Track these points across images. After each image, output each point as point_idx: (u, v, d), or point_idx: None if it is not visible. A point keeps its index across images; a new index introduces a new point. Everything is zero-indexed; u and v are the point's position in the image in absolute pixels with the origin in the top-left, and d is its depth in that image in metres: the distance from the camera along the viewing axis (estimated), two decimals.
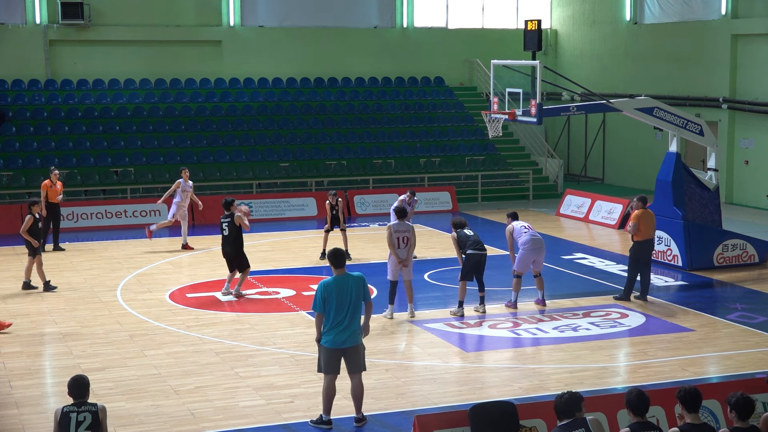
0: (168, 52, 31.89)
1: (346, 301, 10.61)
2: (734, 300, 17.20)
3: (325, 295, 10.62)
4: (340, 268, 10.79)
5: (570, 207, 27.03)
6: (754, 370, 12.92)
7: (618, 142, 33.24)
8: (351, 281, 10.72)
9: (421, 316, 15.79)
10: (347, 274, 10.79)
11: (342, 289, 10.63)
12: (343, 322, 10.59)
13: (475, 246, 15.66)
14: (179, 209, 21.76)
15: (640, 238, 16.65)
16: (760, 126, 28.02)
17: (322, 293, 10.63)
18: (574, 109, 20.43)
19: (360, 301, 10.75)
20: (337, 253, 10.84)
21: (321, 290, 10.65)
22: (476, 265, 15.67)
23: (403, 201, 20.12)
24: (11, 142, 28.08)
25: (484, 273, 15.94)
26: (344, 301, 10.60)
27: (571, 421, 7.72)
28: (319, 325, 10.73)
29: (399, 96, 33.54)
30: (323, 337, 10.73)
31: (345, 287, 10.66)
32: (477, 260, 15.66)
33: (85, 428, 8.23)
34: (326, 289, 10.64)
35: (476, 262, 15.66)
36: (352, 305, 10.64)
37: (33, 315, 16.07)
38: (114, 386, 12.28)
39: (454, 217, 16.52)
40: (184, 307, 16.58)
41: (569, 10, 35.44)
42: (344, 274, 10.77)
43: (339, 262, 10.80)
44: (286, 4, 33.24)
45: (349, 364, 10.81)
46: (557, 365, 13.31)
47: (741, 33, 28.47)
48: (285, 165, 29.25)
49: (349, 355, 10.76)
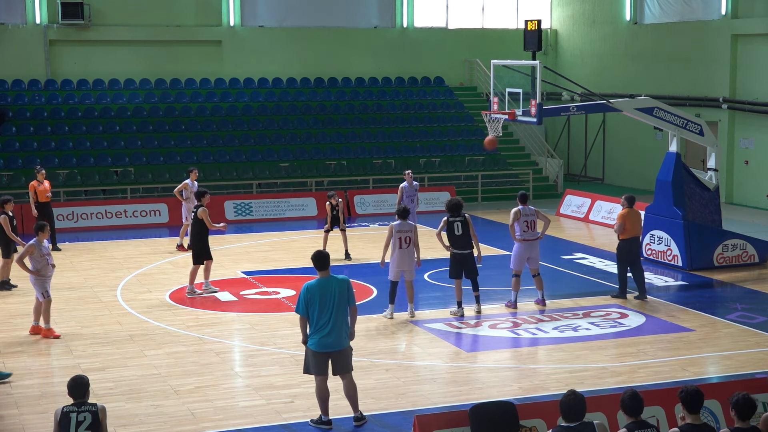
0: (168, 52, 31.90)
1: (329, 304, 10.53)
2: (734, 300, 17.19)
3: (308, 297, 10.55)
4: (324, 270, 10.70)
5: (570, 207, 27.04)
6: (754, 370, 12.93)
7: (618, 142, 33.25)
8: (335, 283, 10.64)
9: (421, 316, 15.79)
10: (331, 277, 10.70)
11: (325, 292, 10.56)
12: (327, 325, 10.52)
13: (457, 246, 15.64)
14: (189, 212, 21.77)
15: (626, 236, 16.79)
16: (760, 126, 28.02)
17: (305, 295, 10.57)
18: (574, 109, 20.43)
19: (344, 304, 10.64)
20: (321, 255, 10.76)
21: (304, 292, 10.59)
22: (460, 263, 15.65)
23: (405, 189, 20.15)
24: (11, 142, 28.08)
25: (477, 272, 15.89)
26: (327, 303, 10.53)
27: (579, 425, 7.65)
28: (304, 327, 10.70)
29: (399, 96, 33.55)
30: (309, 339, 10.70)
31: (328, 289, 10.57)
32: (460, 259, 15.65)
33: (85, 428, 8.23)
34: (309, 291, 10.57)
35: (460, 261, 15.65)
36: (336, 308, 10.55)
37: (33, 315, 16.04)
38: (114, 386, 12.28)
39: (450, 200, 16.07)
40: (184, 307, 16.58)
41: (569, 10, 35.45)
42: (328, 277, 10.68)
43: (322, 264, 10.71)
44: (286, 4, 33.25)
45: (335, 367, 10.76)
46: (557, 365, 13.32)
47: (741, 33, 28.47)
48: (285, 165, 29.26)
49: (335, 358, 10.71)
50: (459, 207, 15.72)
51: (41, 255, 14.46)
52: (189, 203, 21.79)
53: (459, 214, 15.67)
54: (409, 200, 20.16)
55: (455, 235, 15.61)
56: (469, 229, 15.63)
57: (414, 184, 20.42)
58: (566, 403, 7.67)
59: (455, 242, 15.63)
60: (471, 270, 15.76)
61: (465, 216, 15.74)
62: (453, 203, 15.79)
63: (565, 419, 7.68)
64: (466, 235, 15.60)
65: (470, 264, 15.71)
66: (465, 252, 15.62)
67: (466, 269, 15.72)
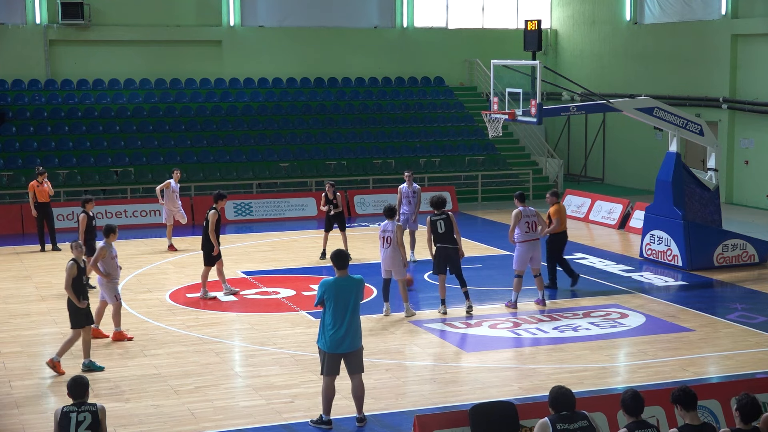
0: (168, 52, 31.89)
1: (343, 303, 10.57)
2: (734, 300, 17.19)
3: (323, 293, 10.64)
4: (342, 269, 10.77)
5: (570, 207, 27.01)
6: (754, 370, 12.93)
7: (618, 142, 33.25)
8: (352, 284, 10.70)
9: (421, 316, 15.79)
10: (349, 277, 10.76)
11: (341, 291, 10.61)
12: (342, 326, 10.55)
13: (442, 241, 15.65)
14: (169, 213, 21.83)
15: (558, 230, 17.41)
16: (760, 126, 28.02)
17: (321, 292, 10.66)
18: (574, 109, 20.43)
19: (359, 304, 10.72)
20: (340, 254, 10.81)
21: (321, 288, 10.68)
22: (444, 258, 15.66)
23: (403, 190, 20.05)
24: (11, 142, 28.08)
25: (461, 268, 15.88)
26: (342, 302, 10.57)
27: (571, 414, 7.74)
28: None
29: (399, 96, 33.54)
30: (320, 339, 10.72)
31: (345, 289, 10.63)
32: (443, 254, 15.66)
33: (85, 428, 8.23)
34: (326, 288, 10.65)
35: (446, 256, 15.66)
36: (350, 308, 10.60)
37: (33, 315, 16.08)
38: (114, 386, 12.28)
39: (432, 197, 16.17)
40: (184, 307, 16.58)
41: (569, 10, 35.44)
42: (346, 276, 10.75)
43: (341, 263, 10.77)
44: (286, 4, 33.25)
45: (348, 366, 10.81)
46: (557, 365, 13.32)
47: (741, 33, 28.47)
48: (285, 165, 29.26)
49: (348, 359, 10.76)
50: (440, 203, 15.79)
51: (111, 257, 14.29)
52: (170, 204, 21.82)
53: (441, 212, 15.74)
54: (406, 201, 20.03)
55: (438, 233, 15.67)
56: (453, 226, 15.69)
57: (414, 186, 20.15)
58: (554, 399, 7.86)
59: (438, 239, 15.67)
60: (455, 265, 15.76)
61: (448, 214, 15.82)
62: (434, 200, 15.85)
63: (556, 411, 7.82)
64: (449, 233, 15.65)
65: (454, 259, 15.71)
66: (449, 246, 15.64)
67: (450, 264, 15.73)
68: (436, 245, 15.72)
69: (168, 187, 21.83)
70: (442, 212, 15.76)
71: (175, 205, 21.97)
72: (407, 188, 20.13)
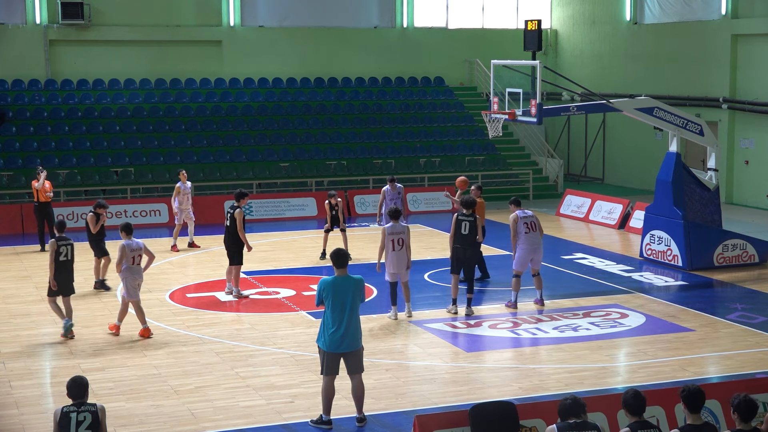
0: (168, 52, 31.89)
1: (341, 302, 10.57)
2: (734, 300, 17.19)
3: (323, 292, 10.65)
4: (342, 268, 10.78)
5: (570, 207, 27.04)
6: (754, 370, 12.93)
7: (618, 142, 33.24)
8: (351, 283, 10.70)
9: (421, 316, 15.79)
10: (348, 276, 10.77)
11: (339, 290, 10.61)
12: (341, 326, 10.55)
13: (462, 242, 15.65)
14: (182, 212, 21.72)
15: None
16: (760, 126, 28.02)
17: (320, 291, 10.67)
18: (574, 109, 20.43)
19: (358, 304, 10.72)
20: (340, 253, 10.82)
21: (320, 287, 10.70)
22: (461, 261, 15.67)
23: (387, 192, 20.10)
24: (11, 142, 28.08)
25: (473, 274, 15.91)
26: (340, 301, 10.57)
27: (581, 422, 7.69)
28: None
29: (399, 96, 33.54)
30: (320, 338, 10.73)
31: (343, 288, 10.64)
32: (461, 256, 15.67)
33: (85, 428, 8.23)
34: (324, 286, 10.66)
35: (461, 258, 15.67)
36: (349, 307, 10.60)
37: (33, 315, 16.08)
38: (114, 386, 12.28)
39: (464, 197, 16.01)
40: (184, 307, 16.58)
41: (569, 10, 35.44)
42: (345, 276, 10.75)
43: (340, 263, 10.78)
44: (286, 4, 33.24)
45: (348, 366, 10.81)
46: (557, 365, 13.31)
47: (741, 33, 28.46)
48: (285, 165, 29.25)
49: (348, 358, 10.76)
50: (470, 204, 15.74)
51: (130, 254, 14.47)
52: (183, 205, 21.72)
53: (470, 213, 15.69)
54: (392, 204, 20.02)
55: (461, 234, 15.62)
56: (477, 230, 15.67)
57: (398, 186, 20.34)
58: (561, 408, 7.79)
59: (459, 240, 15.63)
60: (469, 270, 15.76)
61: (476, 216, 15.76)
62: (466, 200, 15.82)
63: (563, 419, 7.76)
64: (472, 235, 15.63)
65: (469, 265, 15.70)
66: (466, 249, 15.62)
67: (464, 267, 15.72)
68: (455, 245, 15.69)
69: (179, 193, 21.69)
70: (471, 213, 15.74)
71: (189, 205, 21.83)
72: (391, 189, 20.21)
